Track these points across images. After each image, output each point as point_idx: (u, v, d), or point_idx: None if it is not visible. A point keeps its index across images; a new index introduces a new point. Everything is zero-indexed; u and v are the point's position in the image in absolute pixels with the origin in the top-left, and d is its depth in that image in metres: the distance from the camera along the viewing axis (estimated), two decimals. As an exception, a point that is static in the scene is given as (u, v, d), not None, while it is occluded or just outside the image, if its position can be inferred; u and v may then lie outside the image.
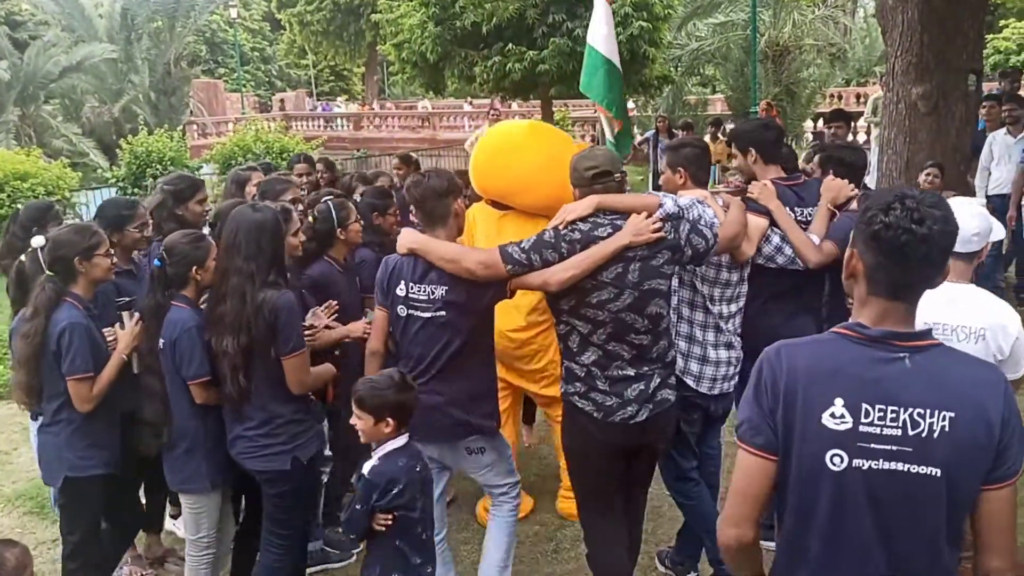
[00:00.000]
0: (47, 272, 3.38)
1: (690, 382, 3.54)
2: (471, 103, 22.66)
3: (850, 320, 1.87)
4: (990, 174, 7.72)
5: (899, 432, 1.73)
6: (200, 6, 31.35)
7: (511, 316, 4.02)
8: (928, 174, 6.41)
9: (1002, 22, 45.14)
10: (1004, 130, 7.60)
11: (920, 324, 2.92)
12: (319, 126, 32.49)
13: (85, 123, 27.26)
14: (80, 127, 26.55)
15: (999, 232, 3.29)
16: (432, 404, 3.26)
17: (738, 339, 3.62)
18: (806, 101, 19.98)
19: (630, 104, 26.44)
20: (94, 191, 16.29)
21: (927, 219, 1.72)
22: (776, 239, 3.64)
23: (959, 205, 3.01)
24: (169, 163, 14.22)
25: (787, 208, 3.71)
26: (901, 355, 1.77)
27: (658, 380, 3.17)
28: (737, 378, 3.63)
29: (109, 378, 3.40)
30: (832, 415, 1.76)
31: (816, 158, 4.33)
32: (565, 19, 14.55)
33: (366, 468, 2.97)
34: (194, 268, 3.39)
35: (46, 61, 25.70)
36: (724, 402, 3.70)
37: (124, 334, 3.48)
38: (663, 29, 16.04)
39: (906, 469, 1.74)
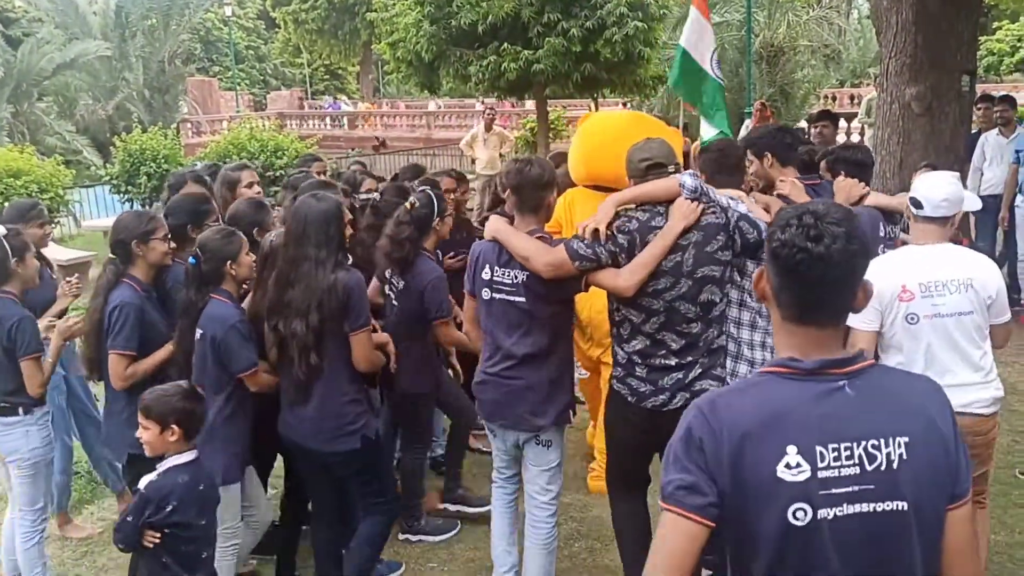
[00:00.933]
0: (110, 255, 3.63)
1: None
2: (483, 102, 22.87)
3: (777, 356, 1.71)
4: (982, 175, 7.74)
5: (857, 470, 1.58)
6: (195, 4, 31.27)
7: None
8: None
9: (995, 24, 45.31)
10: (996, 131, 7.63)
11: (914, 285, 3.21)
12: (314, 125, 32.44)
13: (79, 121, 27.18)
14: (74, 125, 26.46)
15: (972, 203, 3.55)
16: (515, 390, 3.43)
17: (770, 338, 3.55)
18: (800, 102, 19.99)
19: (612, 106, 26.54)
20: (87, 189, 16.26)
21: (824, 236, 1.58)
22: None
23: (932, 176, 3.43)
24: (163, 161, 14.16)
25: None
26: (840, 383, 1.63)
27: (699, 370, 3.20)
28: None
29: (148, 366, 3.50)
30: (787, 466, 1.58)
31: (823, 162, 4.42)
32: (560, 19, 14.54)
33: (143, 482, 3.00)
34: (228, 263, 3.50)
35: (40, 58, 25.60)
36: None
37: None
38: (658, 29, 16.04)
39: (872, 508, 1.59)
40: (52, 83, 26.68)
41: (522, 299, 3.37)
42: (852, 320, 3.34)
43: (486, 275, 3.46)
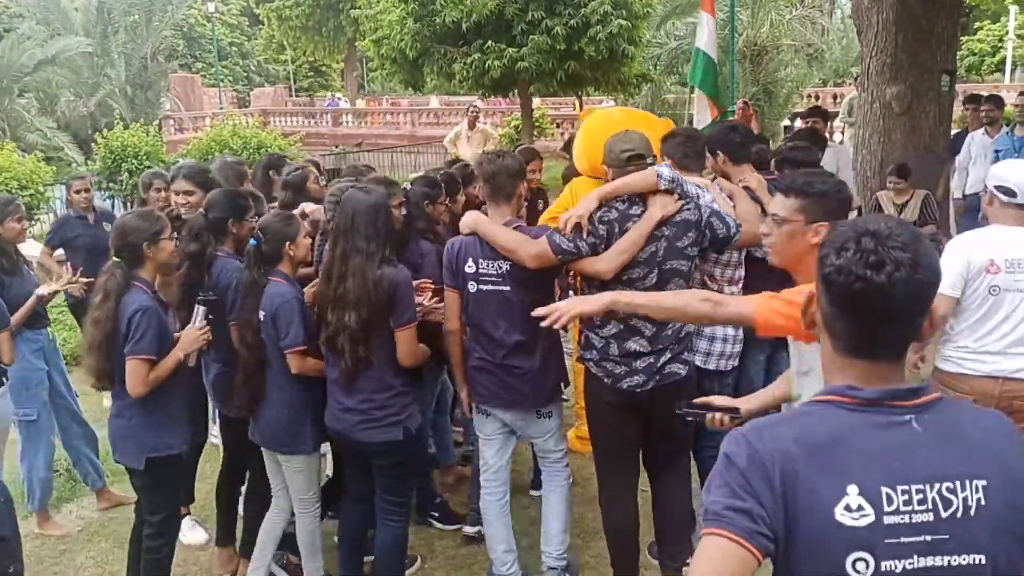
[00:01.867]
0: (113, 257, 3.53)
1: (699, 361, 3.75)
2: (483, 99, 23.06)
3: (831, 383, 1.50)
4: (968, 174, 7.80)
5: (931, 517, 1.36)
6: (177, 0, 31.08)
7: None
8: (890, 183, 6.47)
9: (977, 24, 45.66)
10: (982, 130, 7.69)
11: (1001, 261, 3.46)
12: (298, 122, 32.34)
13: (60, 117, 26.91)
14: (55, 121, 26.19)
15: None
16: (512, 375, 3.57)
17: None
18: (783, 101, 20.09)
19: (610, 103, 26.60)
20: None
21: (887, 264, 1.36)
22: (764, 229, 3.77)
23: (1013, 165, 3.76)
24: (145, 158, 14.07)
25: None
26: (907, 417, 1.41)
27: (669, 355, 3.40)
28: (738, 360, 3.89)
29: (166, 370, 3.47)
30: (847, 508, 1.35)
31: (772, 161, 4.55)
32: (544, 17, 14.57)
33: None
34: (287, 244, 3.60)
35: (21, 54, 25.34)
36: (724, 379, 3.90)
37: (187, 334, 3.55)
38: (642, 27, 16.08)
39: (946, 563, 1.36)
40: (33, 79, 26.41)
41: (508, 288, 3.50)
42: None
43: (470, 268, 3.56)
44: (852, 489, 1.35)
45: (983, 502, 1.37)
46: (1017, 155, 6.99)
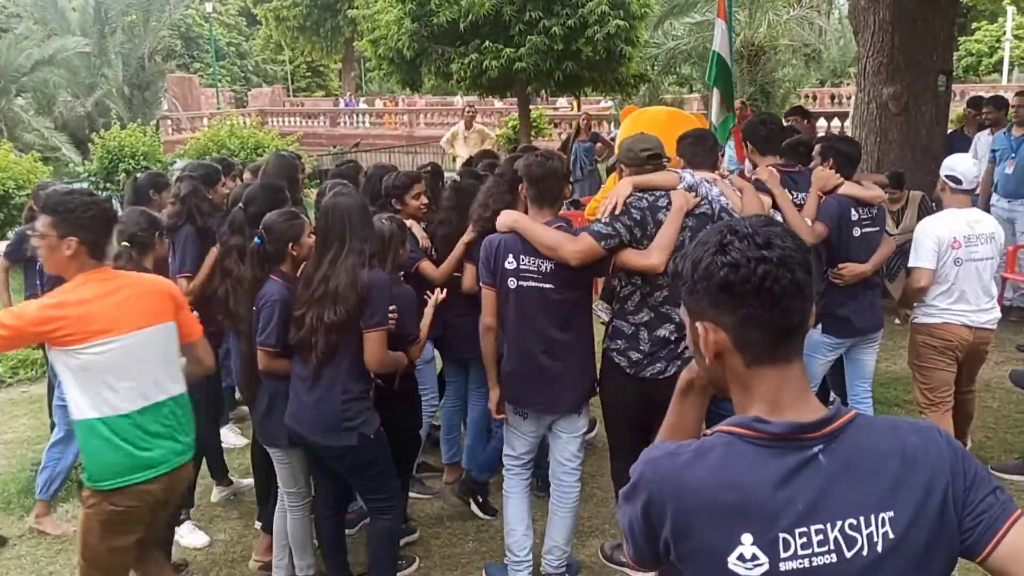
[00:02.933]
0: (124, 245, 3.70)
1: None
2: (502, 101, 23.20)
3: (741, 415, 1.40)
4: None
5: (834, 558, 1.29)
6: (175, 0, 31.06)
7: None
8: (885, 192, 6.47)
9: (974, 24, 45.69)
10: (988, 131, 7.68)
11: (961, 237, 4.20)
12: (295, 122, 32.33)
13: (57, 117, 26.86)
14: (52, 121, 26.14)
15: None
16: (549, 376, 3.58)
17: None
18: (780, 101, 20.11)
19: (607, 103, 26.63)
20: (66, 186, 16.08)
21: (773, 239, 1.34)
22: (778, 218, 4.08)
23: (960, 158, 4.54)
24: (142, 158, 14.08)
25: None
26: (814, 450, 1.33)
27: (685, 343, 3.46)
28: None
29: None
30: (741, 558, 1.29)
31: (817, 147, 4.71)
32: (542, 17, 14.54)
33: None
34: (290, 244, 3.65)
35: (18, 54, 25.32)
36: None
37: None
38: (640, 28, 16.06)
39: None
40: (30, 79, 26.38)
41: (550, 286, 3.53)
42: (918, 261, 4.32)
43: (511, 265, 3.57)
44: (746, 538, 1.29)
45: (890, 535, 1.30)
46: (1014, 155, 7.00)
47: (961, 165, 4.37)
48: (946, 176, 4.36)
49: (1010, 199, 7.12)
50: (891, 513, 1.30)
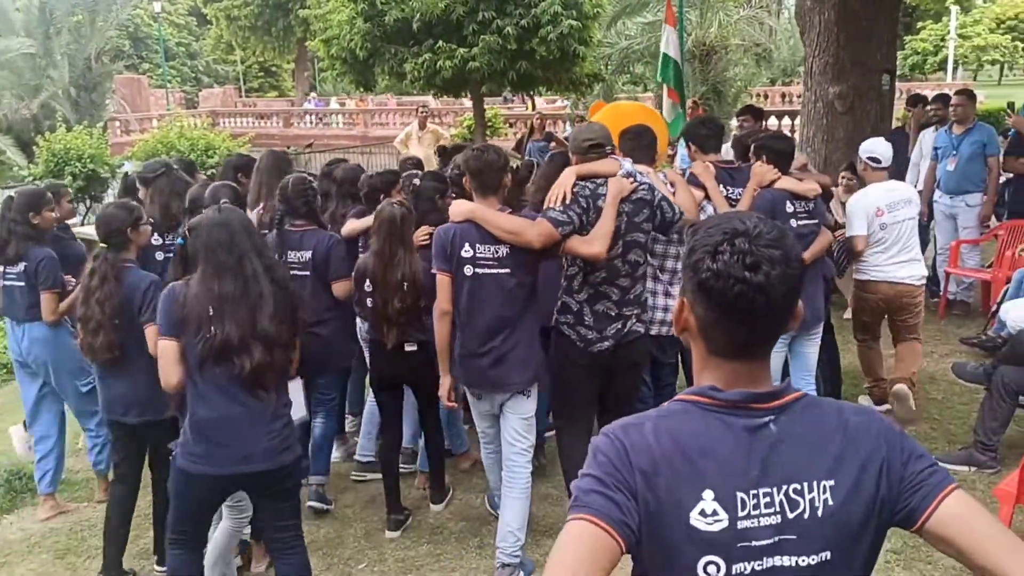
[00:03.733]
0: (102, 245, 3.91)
1: (654, 331, 4.30)
2: (511, 102, 23.18)
3: (697, 384, 1.49)
4: (919, 171, 7.94)
5: (778, 519, 1.38)
6: (123, 0, 30.55)
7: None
8: (843, 177, 6.59)
9: (920, 24, 46.67)
10: (932, 128, 7.82)
11: (883, 206, 5.00)
12: (247, 123, 31.96)
13: (2, 120, 26.29)
14: (-4, 124, 25.64)
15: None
16: (501, 358, 3.77)
17: (674, 288, 4.34)
18: (732, 100, 20.28)
19: (563, 102, 26.73)
20: (9, 189, 15.77)
21: (763, 263, 1.36)
22: (709, 209, 4.48)
23: (877, 141, 5.35)
24: (89, 160, 13.83)
25: (721, 186, 4.64)
26: (765, 419, 1.41)
27: (634, 320, 3.89)
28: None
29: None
30: (702, 513, 1.36)
31: (752, 145, 4.86)
32: (495, 17, 14.55)
33: None
34: None
35: (-41, 55, 24.76)
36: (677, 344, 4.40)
37: None
38: (593, 27, 16.14)
39: (793, 563, 1.38)
40: (-27, 81, 25.84)
41: (506, 271, 3.73)
42: (852, 230, 5.14)
43: (467, 253, 3.75)
44: (708, 494, 1.36)
45: (830, 502, 1.38)
46: (955, 152, 7.15)
47: (879, 147, 5.25)
48: (867, 158, 5.22)
49: (952, 195, 7.26)
50: (832, 482, 1.39)
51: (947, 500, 1.40)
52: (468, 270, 3.75)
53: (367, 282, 4.26)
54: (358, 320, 4.76)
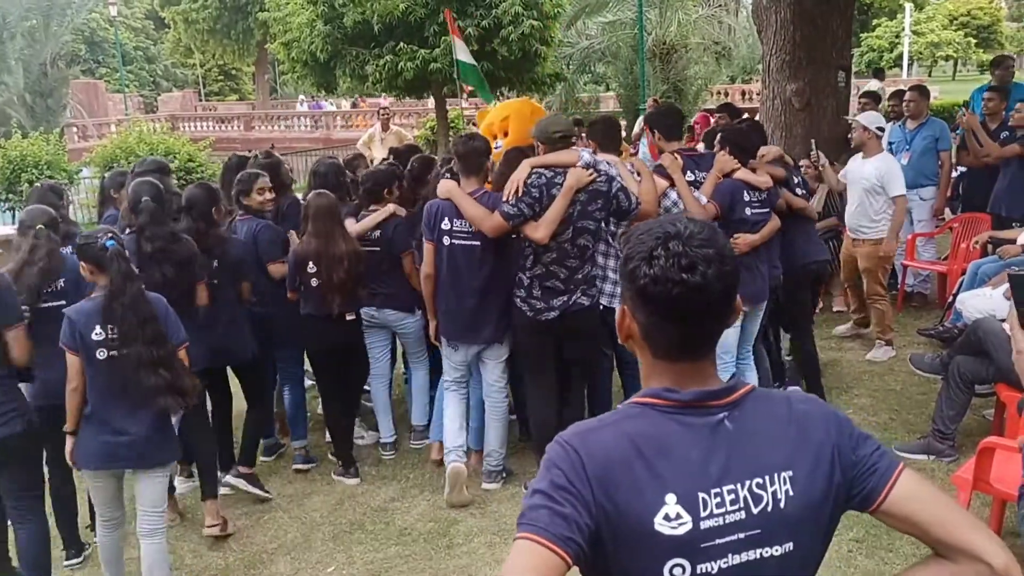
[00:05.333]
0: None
1: (604, 301, 4.59)
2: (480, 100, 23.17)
3: (649, 386, 1.49)
4: None
5: (743, 515, 1.39)
6: (78, 3, 30.11)
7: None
8: (807, 167, 6.70)
9: (875, 21, 47.37)
10: (891, 123, 7.94)
11: (862, 180, 6.19)
12: (208, 127, 31.64)
13: (-46, 126, 25.82)
14: (-51, 131, 25.13)
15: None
16: (475, 315, 4.50)
17: None
18: (693, 98, 20.48)
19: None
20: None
21: (698, 263, 1.38)
22: (673, 196, 4.76)
23: (874, 115, 6.36)
24: (45, 167, 13.61)
25: (688, 171, 4.87)
26: (720, 416, 1.43)
27: (579, 293, 4.37)
28: None
29: None
30: (666, 517, 1.35)
31: (718, 136, 5.31)
32: (456, 18, 14.56)
33: None
34: None
35: (-91, 61, 24.24)
36: None
37: None
38: (554, 27, 16.21)
39: (759, 555, 1.40)
40: (-77, 87, 25.31)
41: (478, 243, 4.40)
42: (904, 188, 6.14)
43: (446, 226, 4.45)
44: (670, 498, 1.36)
45: (791, 493, 1.40)
46: (908, 147, 7.29)
47: (878, 120, 6.26)
48: (876, 127, 6.14)
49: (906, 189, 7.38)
50: (790, 472, 1.42)
51: (900, 479, 1.44)
52: (446, 240, 4.45)
53: (309, 264, 4.67)
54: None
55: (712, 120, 7.45)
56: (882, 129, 6.18)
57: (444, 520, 4.45)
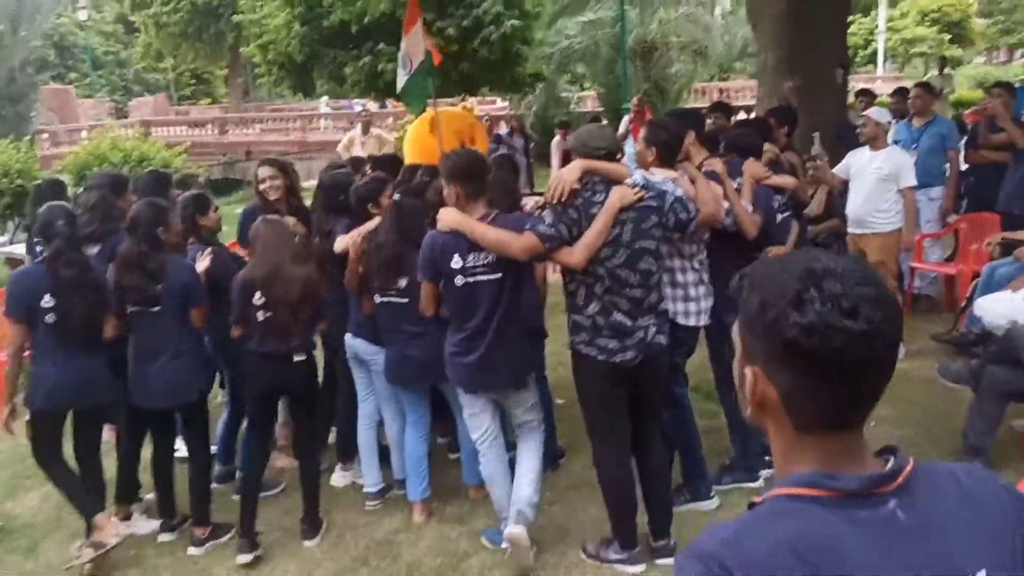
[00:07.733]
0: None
1: (680, 320, 4.08)
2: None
3: (795, 471, 1.18)
4: None
5: None
6: (46, 8, 29.54)
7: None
8: (811, 167, 6.50)
9: (849, 18, 47.61)
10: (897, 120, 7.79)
11: (873, 171, 5.90)
12: (182, 132, 31.13)
13: (-80, 135, 25.22)
14: (-86, 139, 24.53)
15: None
16: (506, 355, 3.84)
17: (707, 275, 4.18)
18: (675, 96, 20.40)
19: (504, 102, 26.55)
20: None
21: (862, 307, 1.10)
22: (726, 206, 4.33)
23: (881, 110, 6.34)
24: (16, 176, 13.19)
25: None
26: (890, 505, 1.14)
27: (654, 329, 3.70)
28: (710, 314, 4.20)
29: None
30: None
31: (724, 143, 4.97)
32: (436, 19, 14.28)
33: None
34: None
35: None
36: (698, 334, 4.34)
37: None
38: (535, 28, 15.99)
39: None
40: None
41: (499, 275, 3.77)
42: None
43: (456, 264, 3.77)
44: None
45: None
46: (915, 144, 7.10)
47: (885, 115, 6.27)
48: (887, 121, 6.25)
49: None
50: (983, 571, 1.12)
51: None
52: (459, 280, 3.78)
53: (257, 295, 4.12)
54: None
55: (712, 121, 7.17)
56: (889, 123, 6.27)
57: (454, 554, 4.16)
